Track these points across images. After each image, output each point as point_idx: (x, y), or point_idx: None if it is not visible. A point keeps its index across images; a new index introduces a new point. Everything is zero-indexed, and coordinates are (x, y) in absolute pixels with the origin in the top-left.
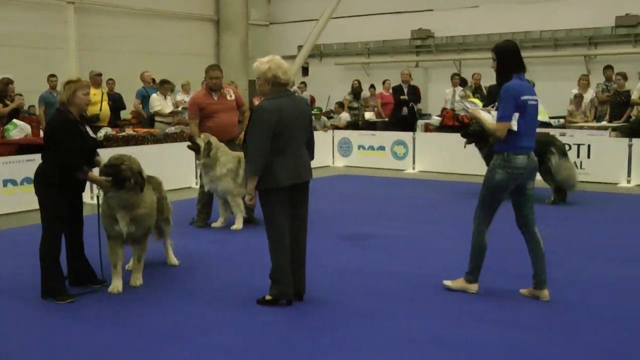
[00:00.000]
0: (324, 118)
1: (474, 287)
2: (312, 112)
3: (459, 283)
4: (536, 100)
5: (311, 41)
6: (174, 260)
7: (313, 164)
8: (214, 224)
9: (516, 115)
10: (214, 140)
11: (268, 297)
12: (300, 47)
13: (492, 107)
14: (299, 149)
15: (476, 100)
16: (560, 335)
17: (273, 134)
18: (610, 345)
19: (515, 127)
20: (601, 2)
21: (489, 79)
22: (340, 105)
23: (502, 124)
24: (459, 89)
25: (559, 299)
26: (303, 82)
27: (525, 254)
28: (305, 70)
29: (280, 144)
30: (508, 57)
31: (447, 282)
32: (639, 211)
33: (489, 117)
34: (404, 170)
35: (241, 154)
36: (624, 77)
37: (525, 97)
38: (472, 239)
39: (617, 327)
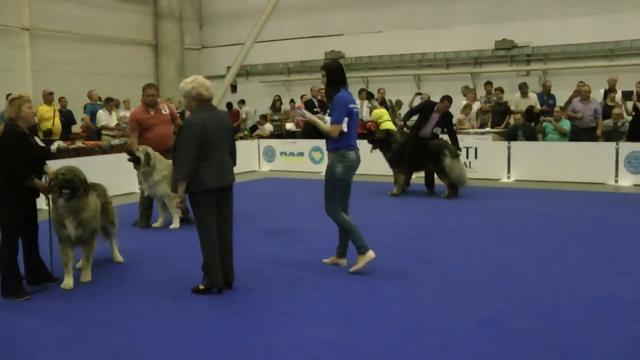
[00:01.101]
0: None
1: (371, 254)
2: (244, 133)
3: (360, 262)
4: (357, 108)
5: (238, 62)
6: (119, 257)
7: (242, 168)
8: (154, 224)
9: (346, 119)
10: (151, 150)
11: (201, 287)
12: (229, 68)
13: (324, 114)
14: (223, 156)
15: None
16: (447, 308)
17: (199, 143)
18: (484, 314)
19: (345, 129)
20: (483, 28)
21: (391, 92)
22: (264, 117)
23: (336, 127)
24: (366, 101)
25: (452, 277)
26: (242, 100)
27: (427, 240)
28: (234, 88)
29: (206, 152)
30: (336, 74)
31: (353, 268)
32: (517, 202)
33: (322, 122)
34: (320, 172)
35: None
36: (502, 91)
37: (351, 105)
38: (340, 226)
39: (491, 299)
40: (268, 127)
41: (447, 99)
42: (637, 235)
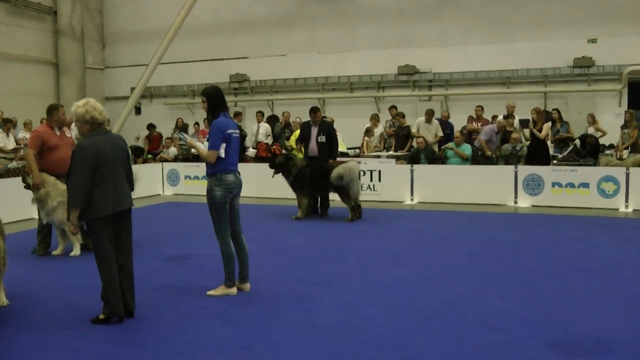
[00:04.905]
0: None
1: (233, 290)
2: (147, 157)
3: (220, 290)
4: (238, 133)
5: (142, 84)
6: (4, 300)
7: (145, 192)
8: (54, 252)
9: (223, 145)
10: (44, 176)
11: (101, 317)
12: (132, 89)
13: (205, 139)
14: (118, 180)
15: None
16: (348, 331)
17: (92, 168)
18: (385, 335)
19: (223, 155)
20: (386, 54)
21: (296, 116)
22: (170, 140)
23: (212, 152)
24: (263, 124)
25: (353, 300)
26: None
27: (328, 263)
28: (137, 110)
29: (100, 177)
30: (215, 99)
31: (210, 292)
32: (419, 224)
33: (203, 147)
34: None
35: None
36: (402, 116)
37: (230, 131)
38: (222, 251)
39: (392, 319)
40: (172, 150)
41: (313, 110)
42: (529, 254)
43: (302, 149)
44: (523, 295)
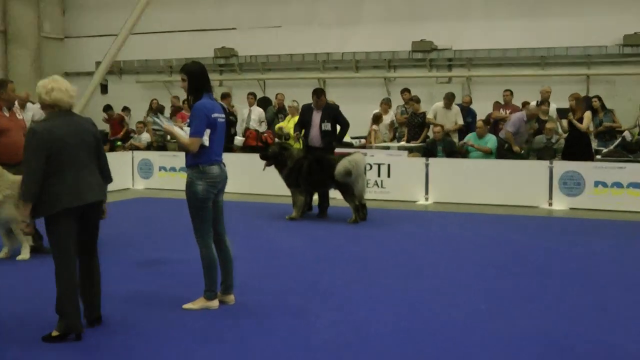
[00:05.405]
0: None
1: (215, 303)
2: (116, 144)
3: (199, 302)
4: (224, 118)
5: (110, 57)
6: None
7: (111, 186)
8: None
9: (208, 131)
10: None
11: (55, 333)
12: (98, 63)
13: (185, 124)
14: (82, 170)
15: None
16: (346, 350)
17: (46, 156)
18: (389, 355)
19: (207, 143)
20: (398, 27)
21: (291, 98)
22: (142, 124)
23: (195, 140)
24: (256, 108)
25: (353, 314)
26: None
27: (327, 271)
28: (104, 88)
29: (58, 166)
30: (198, 77)
31: (187, 305)
32: (434, 227)
33: (183, 133)
34: None
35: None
36: (417, 100)
37: (215, 115)
38: (202, 256)
39: (397, 337)
40: (145, 136)
41: (317, 93)
42: (563, 265)
43: (300, 139)
44: (553, 313)
